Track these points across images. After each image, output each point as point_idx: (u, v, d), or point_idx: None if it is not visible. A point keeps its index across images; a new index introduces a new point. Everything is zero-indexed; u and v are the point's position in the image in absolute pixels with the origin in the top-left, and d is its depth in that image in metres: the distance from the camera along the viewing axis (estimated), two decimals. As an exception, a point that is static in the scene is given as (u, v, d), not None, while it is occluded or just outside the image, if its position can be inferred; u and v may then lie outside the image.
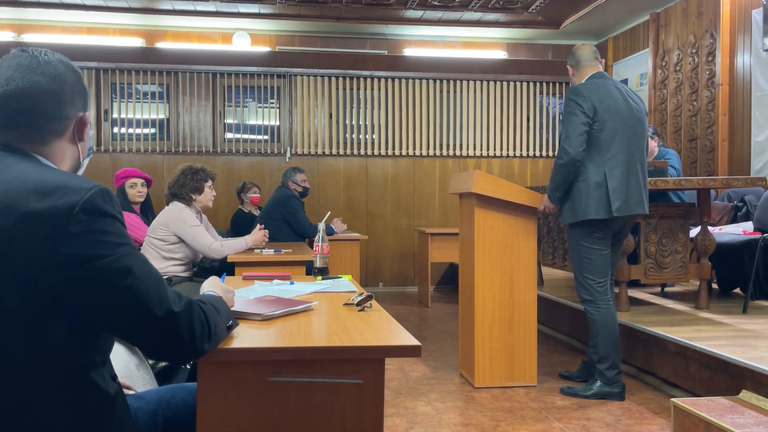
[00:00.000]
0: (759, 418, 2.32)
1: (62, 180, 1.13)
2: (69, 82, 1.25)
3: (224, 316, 1.36)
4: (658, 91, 6.58)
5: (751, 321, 3.76)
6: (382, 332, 1.46)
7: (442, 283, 7.55)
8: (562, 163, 3.19)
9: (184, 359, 1.24)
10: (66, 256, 1.08)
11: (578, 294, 3.36)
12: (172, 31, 7.23)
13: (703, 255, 4.02)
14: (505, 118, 7.74)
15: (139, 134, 7.19)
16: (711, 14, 5.79)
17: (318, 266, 2.58)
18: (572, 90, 3.28)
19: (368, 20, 7.02)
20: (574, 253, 3.33)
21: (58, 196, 1.10)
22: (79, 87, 1.28)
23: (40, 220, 1.08)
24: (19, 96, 1.19)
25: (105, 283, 1.10)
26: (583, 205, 3.20)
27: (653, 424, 2.93)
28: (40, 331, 1.10)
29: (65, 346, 1.12)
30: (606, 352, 3.26)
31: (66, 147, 1.27)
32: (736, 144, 5.56)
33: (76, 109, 1.27)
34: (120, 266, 1.12)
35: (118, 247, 1.13)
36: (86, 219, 1.10)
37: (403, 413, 3.12)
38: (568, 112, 3.23)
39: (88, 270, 1.09)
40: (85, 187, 1.12)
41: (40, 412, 1.11)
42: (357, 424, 1.30)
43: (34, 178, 1.13)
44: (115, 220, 1.14)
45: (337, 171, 7.47)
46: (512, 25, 7.21)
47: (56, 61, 1.25)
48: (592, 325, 3.32)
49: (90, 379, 1.15)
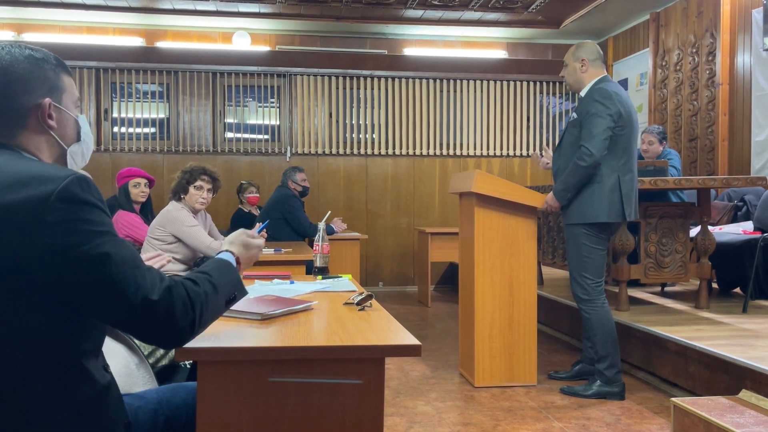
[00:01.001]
0: (759, 417, 2.32)
1: (38, 170, 1.13)
2: (17, 72, 1.22)
3: (224, 291, 1.30)
4: (658, 91, 6.58)
5: (751, 320, 3.76)
6: (382, 332, 1.46)
7: (442, 283, 7.55)
8: (584, 165, 3.17)
9: (167, 344, 1.20)
10: (44, 245, 1.07)
11: (574, 294, 3.36)
12: (172, 31, 7.22)
13: (703, 254, 4.02)
14: (505, 117, 7.73)
15: (139, 134, 7.19)
16: (711, 14, 5.78)
17: (318, 266, 2.58)
18: (601, 93, 3.22)
19: (368, 20, 7.02)
20: (574, 253, 3.33)
21: (34, 186, 1.09)
22: (34, 75, 1.24)
23: (17, 210, 1.08)
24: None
25: (84, 270, 1.10)
26: (595, 208, 3.21)
27: (653, 423, 2.93)
28: (28, 321, 1.10)
29: (53, 335, 1.12)
30: (605, 352, 3.26)
31: (36, 137, 1.24)
32: (736, 143, 5.56)
33: (33, 97, 1.23)
34: (97, 253, 1.10)
35: (95, 234, 1.11)
36: (63, 207, 1.09)
37: (403, 413, 3.12)
38: (595, 114, 3.18)
39: (66, 258, 1.09)
40: (61, 176, 1.11)
41: (31, 401, 1.11)
42: (357, 424, 1.30)
43: (10, 170, 1.12)
44: (93, 207, 1.13)
45: (337, 170, 7.47)
46: (512, 25, 7.21)
47: (3, 54, 1.22)
48: (588, 324, 3.32)
49: (81, 368, 1.16)
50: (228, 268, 1.37)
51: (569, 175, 3.24)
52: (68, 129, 1.30)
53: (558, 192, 3.31)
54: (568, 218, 3.34)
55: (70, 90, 1.31)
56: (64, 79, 1.29)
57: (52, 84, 1.27)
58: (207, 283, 1.26)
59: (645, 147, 4.82)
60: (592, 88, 3.31)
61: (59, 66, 1.29)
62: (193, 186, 3.76)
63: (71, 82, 1.32)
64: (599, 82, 3.33)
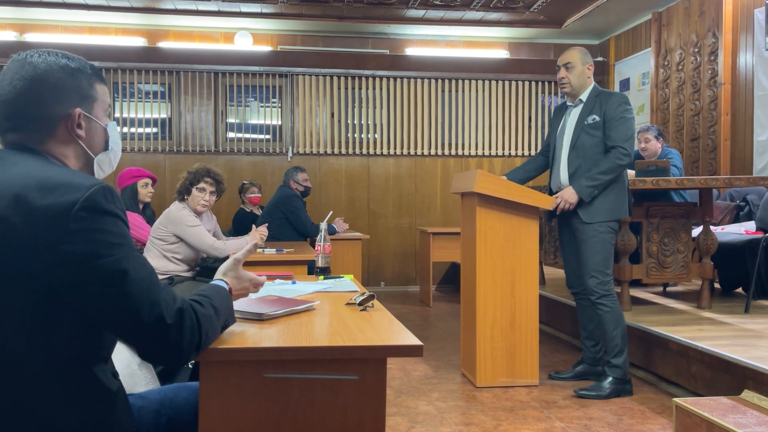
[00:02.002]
0: (761, 417, 2.32)
1: (65, 177, 1.14)
2: (50, 82, 1.23)
3: (221, 315, 1.32)
4: (660, 91, 6.58)
5: (753, 321, 3.75)
6: (384, 332, 1.46)
7: (444, 283, 7.55)
8: (623, 164, 3.29)
9: (168, 364, 1.23)
10: (66, 253, 1.08)
11: (594, 291, 3.32)
12: (174, 31, 7.23)
13: (705, 254, 4.01)
14: (506, 117, 7.73)
15: (141, 133, 7.20)
16: (713, 13, 5.78)
17: (320, 266, 2.58)
18: (622, 98, 3.39)
19: (370, 19, 7.02)
20: (596, 250, 3.31)
21: (60, 192, 1.10)
22: (67, 85, 1.25)
23: (42, 216, 1.08)
24: (6, 102, 1.22)
25: (100, 283, 1.11)
26: (620, 204, 3.36)
27: (655, 423, 2.93)
28: (43, 327, 1.10)
29: (67, 342, 1.12)
30: (624, 344, 3.33)
31: (64, 145, 1.26)
32: (738, 143, 5.56)
33: (64, 107, 1.24)
34: (116, 268, 1.11)
35: (116, 247, 1.13)
36: (87, 216, 1.10)
37: (405, 412, 3.12)
38: (624, 117, 3.31)
39: (86, 268, 1.10)
40: (87, 185, 1.12)
41: (41, 407, 1.12)
42: (359, 423, 1.31)
43: (38, 175, 1.13)
44: (116, 219, 1.14)
45: (338, 170, 7.47)
46: (514, 25, 7.20)
47: (39, 62, 1.24)
48: (609, 318, 3.31)
49: (91, 375, 1.16)
50: (225, 294, 1.39)
51: (604, 174, 3.28)
52: (96, 138, 1.32)
53: (584, 188, 3.31)
54: (593, 217, 3.32)
55: (102, 98, 1.32)
56: (97, 88, 1.31)
57: (84, 94, 1.28)
58: (210, 307, 1.28)
59: (643, 146, 4.82)
60: (605, 92, 3.43)
61: (94, 75, 1.31)
62: (196, 188, 3.75)
63: (104, 91, 1.34)
64: (596, 86, 3.48)
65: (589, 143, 3.37)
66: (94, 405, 1.17)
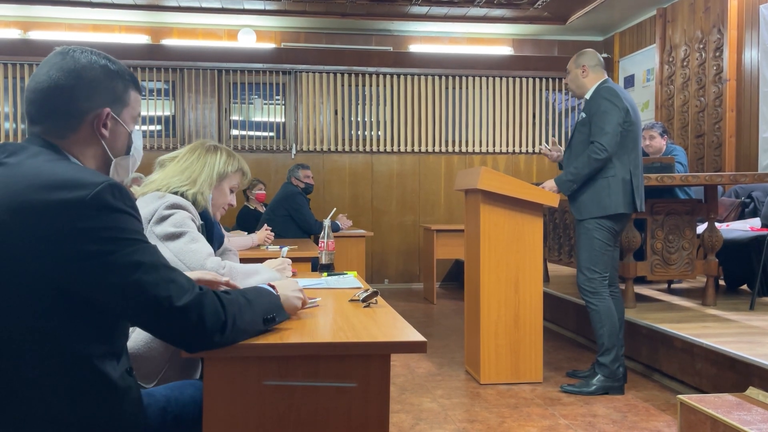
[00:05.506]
0: (766, 414, 2.31)
1: (73, 174, 1.14)
2: (86, 77, 1.25)
3: (261, 307, 1.33)
4: (665, 87, 6.55)
5: (758, 318, 3.74)
6: (388, 328, 1.46)
7: (448, 280, 7.55)
8: (599, 158, 3.24)
9: (195, 349, 1.22)
10: (72, 250, 1.09)
11: (581, 287, 3.36)
12: (177, 28, 7.23)
13: (709, 251, 4.00)
14: (510, 114, 7.72)
15: (145, 131, 7.21)
16: (718, 9, 5.75)
17: (323, 263, 2.58)
18: (608, 91, 3.32)
19: (374, 16, 7.01)
20: (586, 247, 3.33)
21: (68, 190, 1.10)
22: (102, 84, 1.27)
23: (48, 212, 1.09)
24: (39, 91, 1.24)
25: (114, 277, 1.11)
26: (612, 200, 3.28)
27: (659, 420, 2.93)
28: (48, 321, 1.10)
29: (72, 336, 1.13)
30: (611, 344, 3.28)
31: (85, 142, 1.27)
32: (744, 140, 5.53)
33: (95, 104, 1.26)
34: (129, 261, 1.12)
35: (126, 242, 1.13)
36: (94, 215, 1.10)
37: (409, 409, 3.12)
38: (605, 111, 3.27)
39: (96, 265, 1.10)
40: (95, 182, 1.12)
41: (43, 401, 1.12)
42: (363, 420, 1.31)
43: (47, 171, 1.14)
44: (124, 215, 1.14)
45: (342, 168, 7.47)
46: (518, 21, 7.19)
47: (81, 57, 1.26)
48: (596, 317, 3.32)
49: (97, 370, 1.16)
50: (265, 292, 1.40)
51: (580, 168, 3.28)
52: (119, 141, 1.33)
53: (563, 182, 3.36)
54: (582, 214, 3.34)
55: (134, 105, 1.34)
56: (131, 94, 1.33)
57: (117, 96, 1.30)
58: (240, 296, 1.30)
59: (647, 143, 4.81)
60: (598, 88, 3.39)
61: (131, 82, 1.33)
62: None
63: (137, 99, 1.36)
64: (602, 83, 3.42)
65: (578, 141, 3.41)
66: (98, 400, 1.16)
